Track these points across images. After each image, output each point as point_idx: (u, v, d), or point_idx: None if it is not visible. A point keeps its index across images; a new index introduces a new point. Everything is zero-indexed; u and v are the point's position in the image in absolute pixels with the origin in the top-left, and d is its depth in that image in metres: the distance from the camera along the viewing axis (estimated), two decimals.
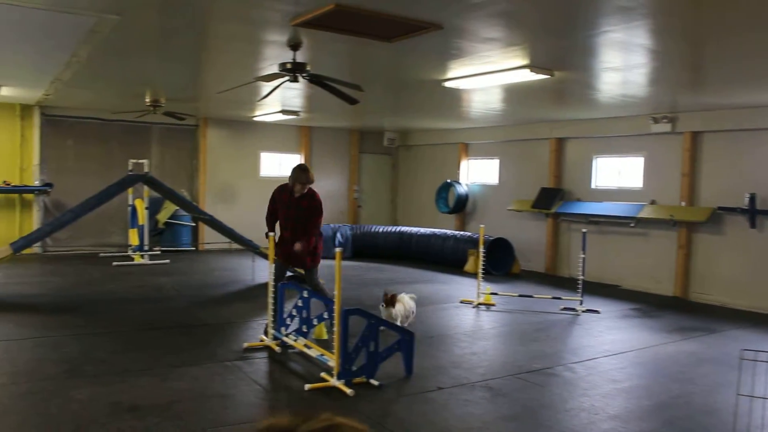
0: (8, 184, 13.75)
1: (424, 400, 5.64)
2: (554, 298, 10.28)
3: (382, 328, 6.12)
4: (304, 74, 6.80)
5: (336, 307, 5.81)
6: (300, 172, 7.63)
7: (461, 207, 15.89)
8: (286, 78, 6.87)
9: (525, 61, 7.40)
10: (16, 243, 9.56)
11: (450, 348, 7.44)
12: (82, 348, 6.95)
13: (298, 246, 7.42)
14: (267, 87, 8.75)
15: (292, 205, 7.66)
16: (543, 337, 8.10)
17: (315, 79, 6.89)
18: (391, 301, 8.01)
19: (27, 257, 12.82)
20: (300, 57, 6.95)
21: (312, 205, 7.69)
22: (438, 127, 16.29)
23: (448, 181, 16.08)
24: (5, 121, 13.85)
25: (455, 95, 10.24)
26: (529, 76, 7.80)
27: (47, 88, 11.23)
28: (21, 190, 13.92)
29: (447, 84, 8.89)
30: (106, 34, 6.75)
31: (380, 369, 6.02)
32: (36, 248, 13.69)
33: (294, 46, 6.70)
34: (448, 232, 14.57)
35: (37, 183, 14.11)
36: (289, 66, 6.72)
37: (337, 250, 5.74)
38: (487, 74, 8.11)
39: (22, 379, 5.89)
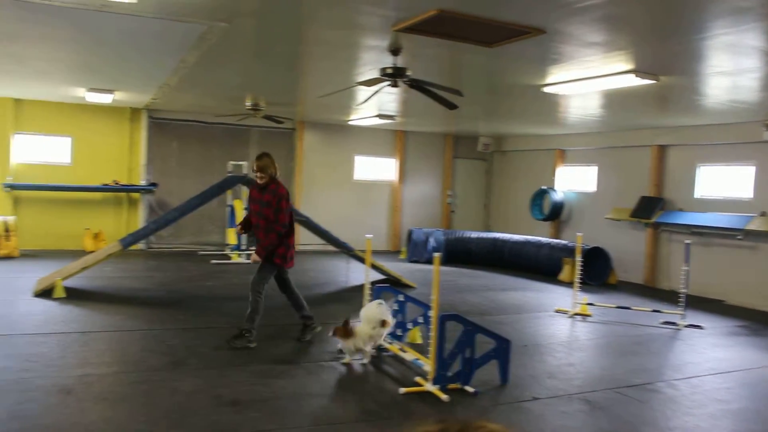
0: (118, 183, 14.47)
1: (520, 410, 5.56)
2: (654, 311, 9.93)
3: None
4: (404, 79, 6.84)
5: (433, 312, 5.81)
6: (255, 159, 7.19)
7: (556, 214, 15.59)
8: (387, 83, 6.93)
9: (629, 66, 7.20)
10: (125, 239, 10.03)
11: (545, 358, 7.31)
12: (185, 342, 7.22)
13: (253, 257, 7.17)
14: (365, 91, 8.87)
15: (256, 199, 7.29)
16: (642, 351, 7.84)
17: (415, 84, 6.92)
18: (344, 331, 6.61)
19: (132, 253, 13.44)
20: (399, 62, 7.01)
21: (273, 199, 7.06)
22: (534, 133, 16.06)
23: (544, 187, 15.81)
24: (116, 124, 14.59)
25: (553, 100, 10.07)
26: (633, 81, 7.59)
27: (155, 93, 11.76)
28: (129, 189, 14.62)
29: (546, 89, 8.76)
30: (214, 41, 7.00)
31: (475, 376, 5.98)
32: (140, 245, 14.33)
33: (394, 51, 6.76)
34: (543, 239, 14.33)
35: (143, 182, 14.78)
36: (389, 71, 6.78)
37: (436, 255, 5.73)
38: (588, 79, 7.95)
39: (132, 368, 6.18)
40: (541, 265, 13.75)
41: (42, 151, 14.21)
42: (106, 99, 12.52)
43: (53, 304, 8.77)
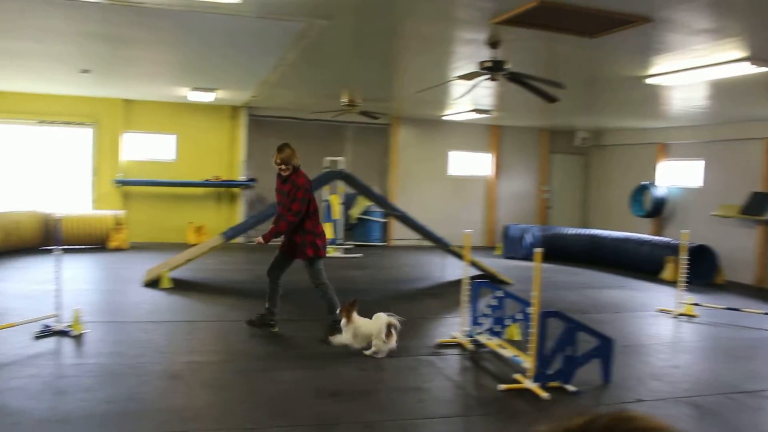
0: (218, 179, 14.97)
1: None
2: (766, 313, 9.42)
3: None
4: (503, 72, 6.75)
5: (534, 309, 5.72)
6: (276, 151, 7.15)
7: (658, 211, 15.02)
8: (485, 76, 6.86)
9: (744, 54, 6.83)
10: (227, 233, 10.36)
11: (648, 359, 7.06)
12: (285, 333, 7.40)
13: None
14: (461, 86, 8.81)
15: (278, 190, 7.33)
16: (755, 356, 7.45)
17: (514, 77, 6.81)
18: (348, 311, 6.63)
19: (233, 246, 13.85)
20: (498, 55, 6.91)
21: (291, 189, 7.06)
22: (634, 126, 15.52)
23: (645, 183, 15.26)
24: (217, 121, 15.09)
25: (656, 92, 9.70)
26: (748, 69, 7.18)
27: (255, 91, 12.08)
28: (229, 184, 15.11)
29: (649, 81, 8.44)
30: (313, 39, 7.12)
31: (576, 375, 5.85)
32: (240, 238, 14.76)
33: (493, 44, 6.67)
34: (644, 236, 13.84)
35: (242, 178, 15.23)
36: (488, 64, 6.70)
37: (538, 250, 5.63)
38: (695, 69, 7.59)
39: (235, 357, 6.39)
40: (641, 263, 13.29)
41: (149, 148, 14.87)
42: (208, 98, 12.96)
43: (160, 294, 9.16)
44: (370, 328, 6.55)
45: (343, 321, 6.64)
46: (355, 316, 6.63)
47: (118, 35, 7.51)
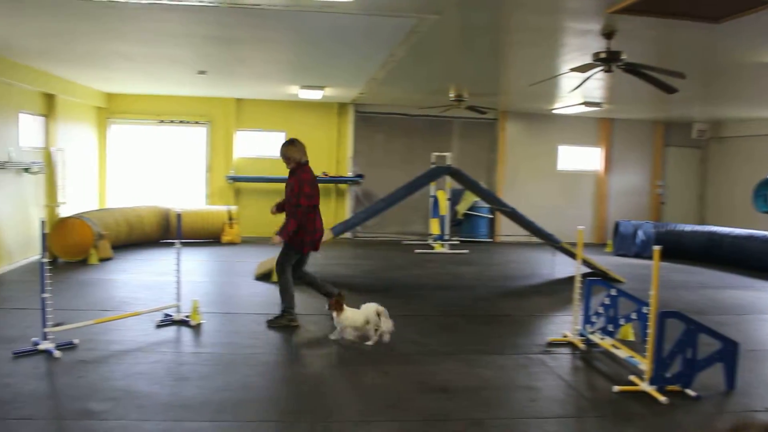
0: (326, 175, 15.23)
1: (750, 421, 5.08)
2: None
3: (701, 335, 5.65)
4: (619, 63, 6.50)
5: (652, 309, 5.49)
6: (281, 146, 7.45)
7: None
8: (600, 68, 6.63)
9: None
10: (336, 228, 10.54)
11: None
12: (394, 328, 7.42)
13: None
14: (572, 79, 8.57)
15: (286, 184, 7.54)
16: None
17: (631, 68, 6.55)
18: (336, 304, 6.74)
19: (340, 241, 14.06)
20: (613, 45, 6.67)
21: (296, 183, 7.28)
22: (758, 116, 14.62)
23: None
24: (325, 118, 15.36)
25: None
26: None
27: (363, 88, 12.20)
28: (337, 180, 15.35)
29: None
30: (423, 34, 7.10)
31: (697, 379, 5.57)
32: (347, 234, 14.98)
33: (608, 34, 6.44)
34: None
35: (350, 174, 15.44)
36: (603, 55, 6.48)
37: (656, 248, 5.39)
38: None
39: (345, 350, 6.49)
40: (766, 263, 12.51)
41: (259, 145, 15.32)
42: (316, 95, 13.20)
43: (271, 287, 9.41)
44: (359, 317, 6.67)
45: (334, 314, 6.73)
46: (345, 308, 6.72)
47: (232, 36, 7.77)
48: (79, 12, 6.57)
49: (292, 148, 7.42)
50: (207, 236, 13.73)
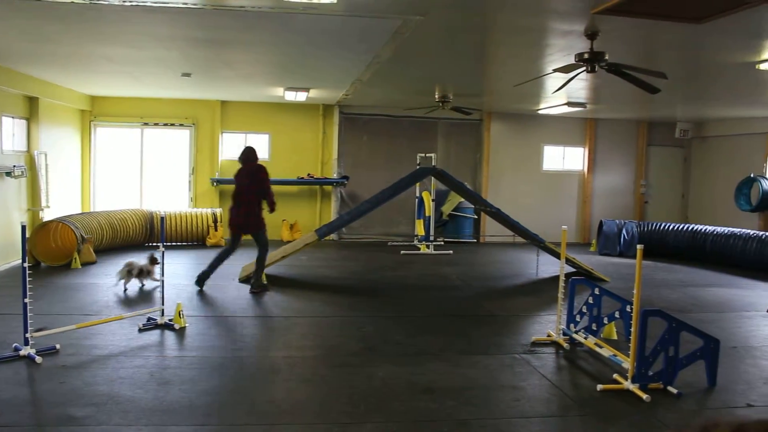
0: (312, 177, 15.22)
1: (730, 417, 5.14)
2: None
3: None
4: (602, 64, 6.55)
5: (635, 307, 5.53)
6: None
7: (767, 205, 14.25)
8: (583, 68, 6.67)
9: None
10: (321, 229, 10.53)
11: (759, 362, 6.70)
12: (379, 329, 7.44)
13: None
14: (556, 79, 8.61)
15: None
16: None
17: (614, 69, 6.60)
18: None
19: (325, 243, 14.07)
20: (596, 46, 6.72)
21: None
22: (740, 116, 14.75)
23: (752, 175, 14.50)
24: (310, 120, 15.34)
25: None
26: None
27: (347, 89, 12.19)
28: (322, 182, 15.33)
29: (763, 66, 7.99)
30: (408, 35, 7.11)
31: (679, 376, 5.62)
32: (332, 235, 14.98)
33: (591, 35, 6.48)
34: (751, 232, 13.12)
35: (335, 175, 15.43)
36: (586, 56, 6.52)
37: (639, 246, 5.41)
38: None
39: (330, 352, 6.48)
40: (748, 261, 12.62)
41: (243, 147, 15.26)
42: (301, 97, 13.18)
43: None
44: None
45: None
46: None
47: (217, 38, 7.74)
48: (60, 14, 6.53)
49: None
50: (191, 239, 13.68)
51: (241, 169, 9.49)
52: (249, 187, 9.28)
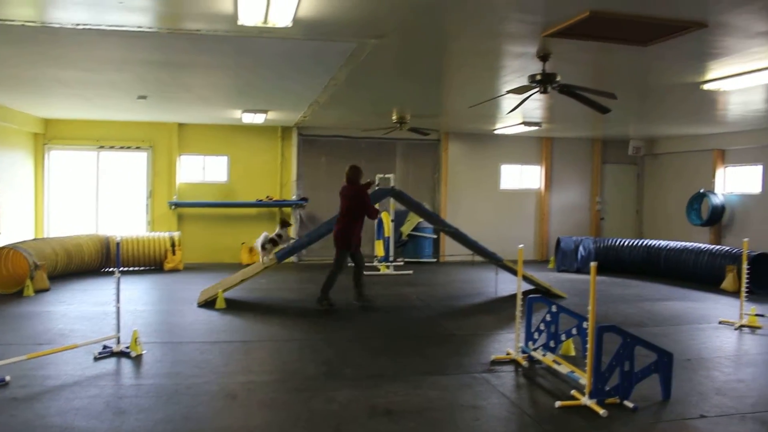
0: (271, 199, 15.16)
1: (685, 428, 5.24)
2: None
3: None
4: (553, 85, 6.70)
5: (590, 324, 5.62)
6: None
7: (716, 219, 14.63)
8: (536, 90, 6.81)
9: None
10: (279, 253, 10.47)
11: (711, 373, 6.84)
12: (338, 352, 7.41)
13: None
14: (512, 100, 8.77)
15: None
16: None
17: (565, 89, 6.75)
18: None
19: (285, 266, 13.97)
20: (548, 67, 6.87)
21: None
22: (689, 133, 15.17)
23: (702, 191, 14.89)
24: (268, 142, 15.32)
25: (713, 98, 9.50)
26: None
27: (305, 111, 12.23)
28: (281, 204, 15.28)
29: (706, 86, 8.26)
30: (363, 58, 7.18)
31: (635, 390, 5.71)
32: (292, 258, 14.90)
33: (543, 57, 6.63)
34: (702, 245, 13.44)
35: (294, 197, 15.39)
36: (539, 77, 6.66)
37: (593, 264, 5.53)
38: (755, 72, 7.42)
39: (289, 377, 6.43)
40: (700, 274, 12.92)
41: (201, 170, 15.18)
42: (259, 119, 13.17)
43: (215, 314, 9.30)
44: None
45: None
46: None
47: (173, 61, 7.72)
48: (12, 36, 6.45)
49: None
50: (149, 263, 13.49)
51: (346, 188, 10.07)
52: (351, 208, 9.93)
